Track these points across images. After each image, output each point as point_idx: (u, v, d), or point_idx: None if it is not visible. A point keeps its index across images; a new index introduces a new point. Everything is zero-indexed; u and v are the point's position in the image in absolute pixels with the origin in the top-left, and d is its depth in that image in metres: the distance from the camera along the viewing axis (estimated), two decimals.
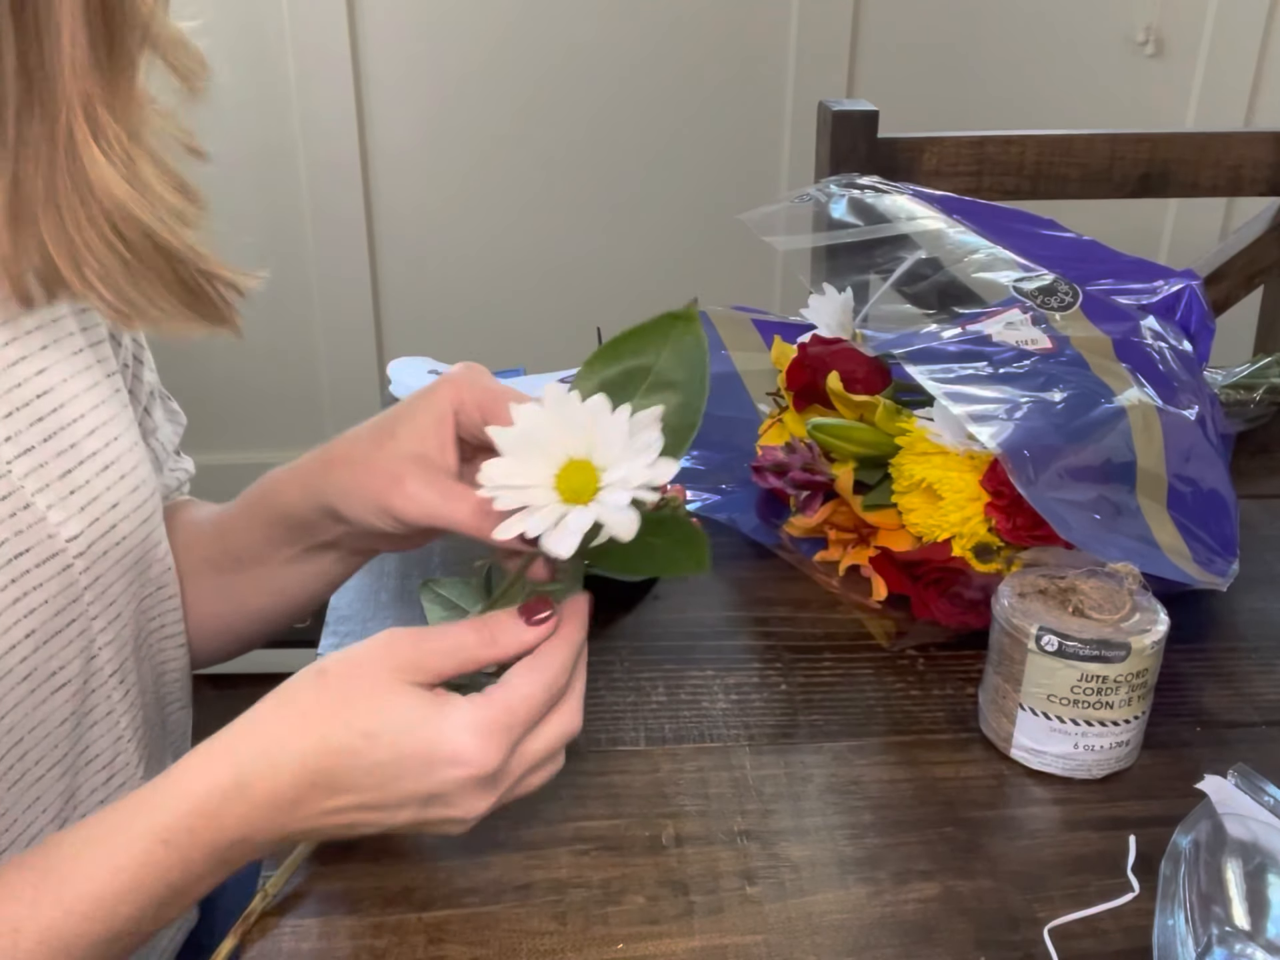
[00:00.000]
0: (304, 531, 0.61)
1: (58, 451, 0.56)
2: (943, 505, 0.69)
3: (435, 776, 0.47)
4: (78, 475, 0.57)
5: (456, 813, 0.48)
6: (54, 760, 0.57)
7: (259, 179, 1.92)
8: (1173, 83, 2.01)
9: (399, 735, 0.47)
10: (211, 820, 0.46)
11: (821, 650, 0.71)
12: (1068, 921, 0.51)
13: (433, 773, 0.47)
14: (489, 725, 0.47)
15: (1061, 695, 0.58)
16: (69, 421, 0.57)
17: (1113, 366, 0.72)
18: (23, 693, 0.54)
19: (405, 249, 1.99)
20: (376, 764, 0.47)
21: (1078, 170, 1.16)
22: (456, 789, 0.47)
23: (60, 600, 0.55)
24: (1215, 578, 0.68)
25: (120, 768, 0.62)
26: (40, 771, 0.56)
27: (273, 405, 2.06)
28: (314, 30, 1.83)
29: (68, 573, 0.56)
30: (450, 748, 0.47)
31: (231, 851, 0.47)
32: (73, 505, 0.56)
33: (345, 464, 0.57)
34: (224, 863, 0.47)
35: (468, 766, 0.47)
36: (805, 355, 0.79)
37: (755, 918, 0.52)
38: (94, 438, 0.59)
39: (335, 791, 0.47)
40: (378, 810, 0.48)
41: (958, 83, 1.97)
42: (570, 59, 1.90)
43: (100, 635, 0.58)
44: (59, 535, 0.55)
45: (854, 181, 0.89)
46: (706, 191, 1.99)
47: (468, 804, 0.48)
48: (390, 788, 0.47)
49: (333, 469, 0.58)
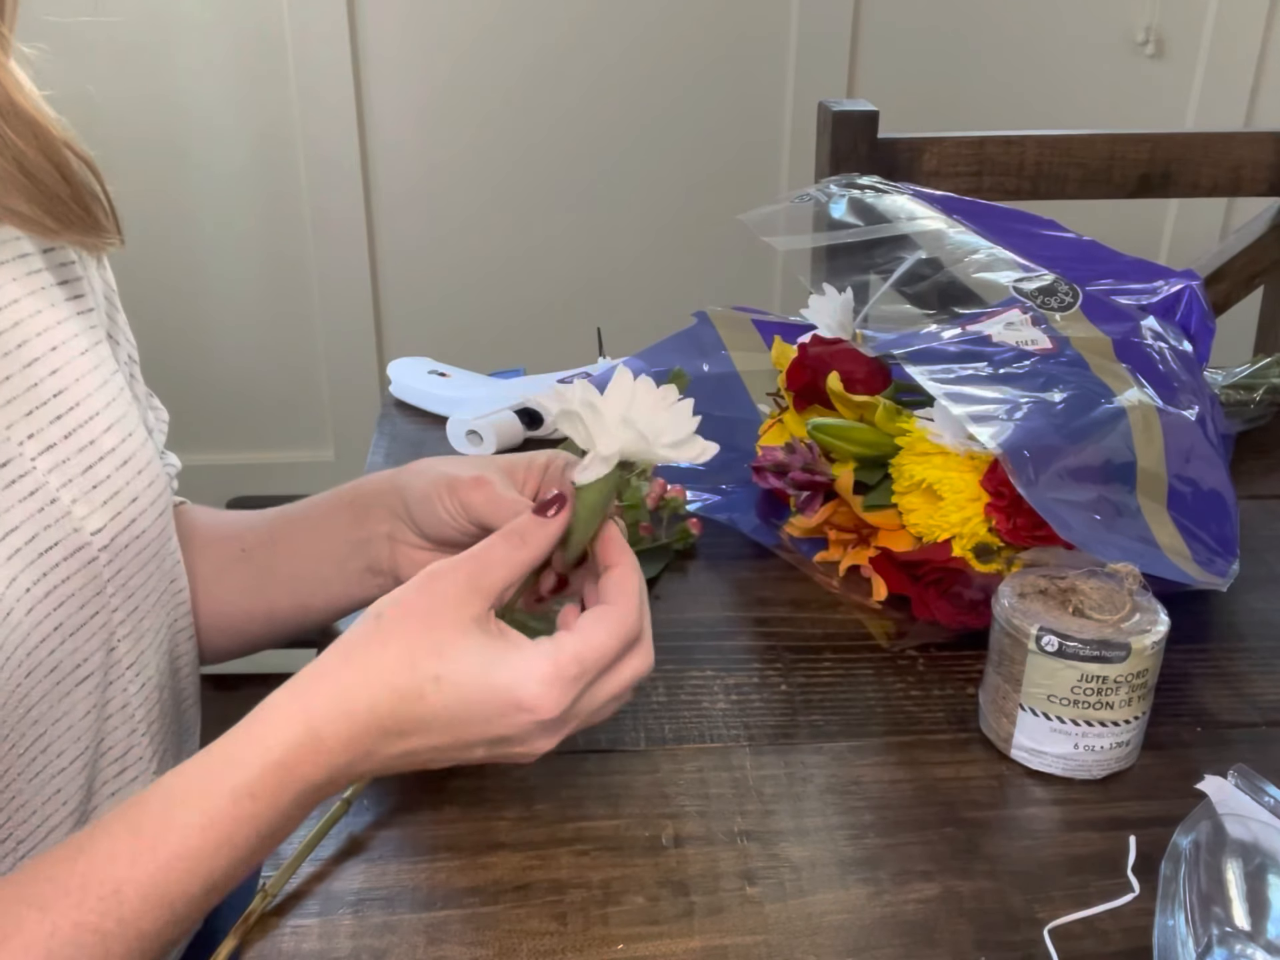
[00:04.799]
0: (365, 541, 0.64)
1: (79, 447, 0.57)
2: (943, 505, 0.69)
3: (505, 721, 0.48)
4: (99, 470, 0.58)
5: (524, 749, 0.50)
6: (76, 753, 0.57)
7: (259, 179, 1.92)
8: (1173, 83, 2.01)
9: (468, 680, 0.48)
10: (292, 771, 0.47)
11: (821, 650, 0.71)
12: (1068, 922, 0.51)
13: (502, 718, 0.48)
14: (559, 674, 0.48)
15: (1062, 695, 0.58)
16: (86, 418, 0.58)
17: (1113, 367, 0.72)
18: (49, 685, 0.55)
19: (405, 249, 1.99)
20: (445, 708, 0.48)
21: (1078, 170, 1.16)
22: (525, 733, 0.49)
23: (85, 593, 0.56)
24: (1215, 578, 0.68)
25: (133, 761, 0.62)
26: (63, 764, 0.57)
27: (273, 405, 2.06)
28: (314, 29, 1.83)
29: (93, 566, 0.57)
30: (520, 695, 0.48)
31: (313, 795, 0.49)
32: (96, 500, 0.57)
33: (430, 466, 0.61)
34: (307, 805, 0.49)
35: (536, 714, 0.48)
36: (805, 355, 0.79)
37: (755, 918, 0.52)
38: (111, 433, 0.60)
39: (406, 735, 0.49)
40: (449, 750, 0.50)
41: (958, 83, 1.97)
42: (570, 59, 1.90)
43: (120, 628, 0.59)
44: (84, 529, 0.56)
45: (854, 181, 0.89)
46: (706, 192, 1.99)
47: (536, 743, 0.50)
48: (460, 731, 0.49)
49: (418, 469, 0.62)
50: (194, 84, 1.85)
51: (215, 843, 0.46)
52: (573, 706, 0.49)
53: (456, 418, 0.92)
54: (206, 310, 2.00)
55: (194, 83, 1.85)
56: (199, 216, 1.93)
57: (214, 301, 2.00)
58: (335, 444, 2.08)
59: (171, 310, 1.98)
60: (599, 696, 0.50)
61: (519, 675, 0.48)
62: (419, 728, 0.49)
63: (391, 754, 0.49)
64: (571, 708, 0.49)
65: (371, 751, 0.49)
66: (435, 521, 0.59)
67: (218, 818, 0.46)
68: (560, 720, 0.49)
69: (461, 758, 0.51)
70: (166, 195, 1.91)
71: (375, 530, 0.63)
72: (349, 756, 0.48)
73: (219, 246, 1.95)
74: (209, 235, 1.94)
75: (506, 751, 0.50)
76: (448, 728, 0.49)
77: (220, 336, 2.02)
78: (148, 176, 1.88)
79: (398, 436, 0.96)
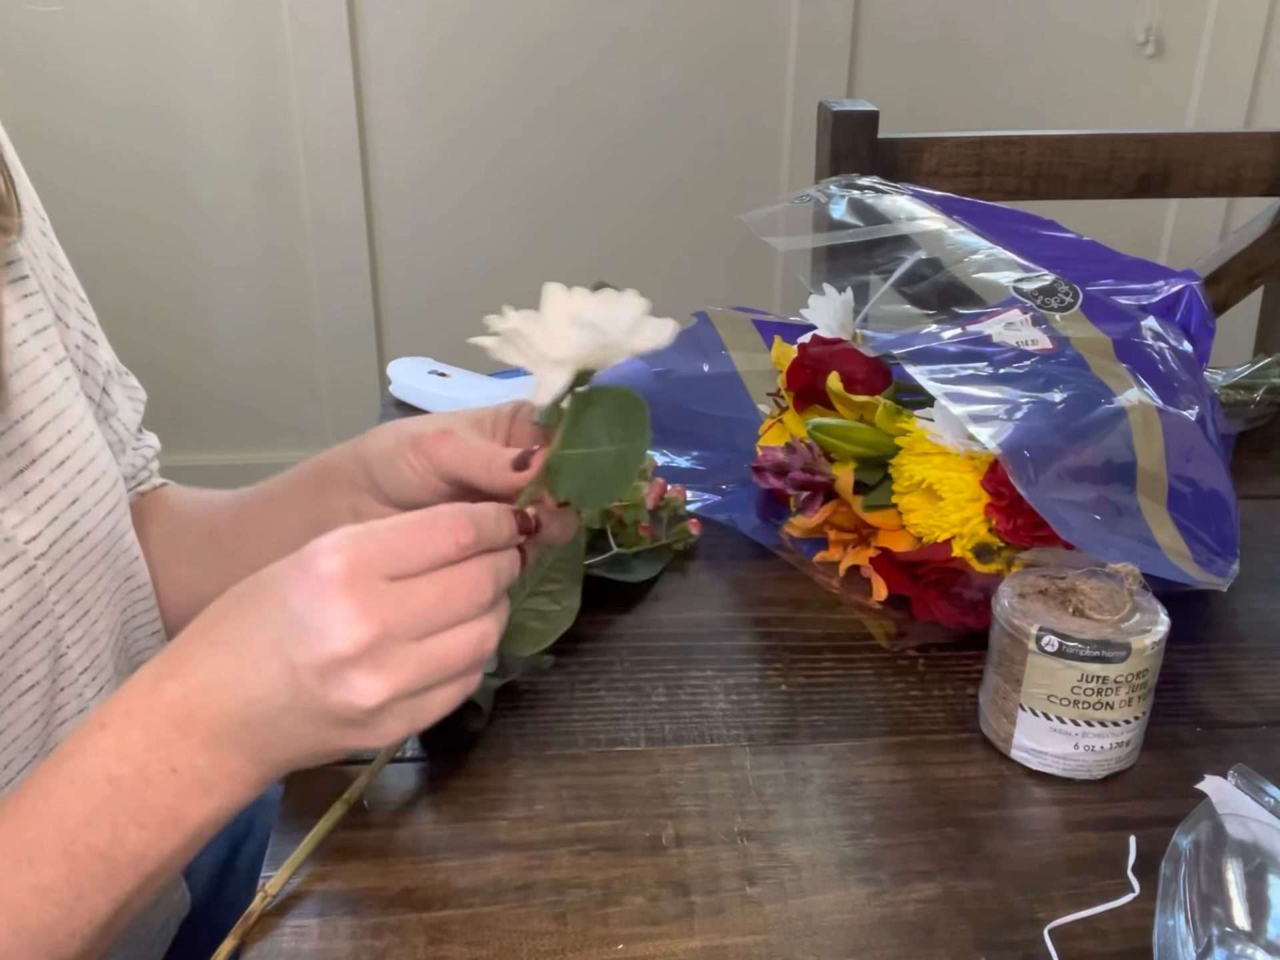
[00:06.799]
0: (326, 519, 0.61)
1: (6, 452, 0.55)
2: (943, 505, 0.69)
3: (299, 578, 0.45)
4: (30, 475, 0.56)
5: (351, 678, 0.44)
6: (23, 762, 0.56)
7: (259, 179, 1.92)
8: (1173, 83, 2.01)
9: (267, 575, 0.47)
10: (145, 699, 0.46)
11: (821, 650, 0.71)
12: (1068, 922, 0.51)
13: (297, 574, 0.45)
14: (349, 532, 0.45)
15: (1062, 696, 0.58)
16: (18, 418, 0.56)
17: (1113, 367, 0.72)
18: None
19: (405, 249, 1.99)
20: (238, 593, 0.47)
21: (1078, 170, 1.16)
22: (323, 600, 0.44)
23: (25, 604, 0.54)
24: (1215, 578, 0.68)
25: None
26: (9, 775, 0.55)
27: (273, 405, 2.06)
28: (315, 30, 1.83)
29: (31, 574, 0.55)
30: (311, 547, 0.45)
31: (176, 737, 0.46)
32: (29, 506, 0.55)
33: (392, 428, 0.58)
34: (173, 757, 0.46)
35: (328, 564, 0.44)
36: (805, 355, 0.79)
37: (755, 918, 0.52)
38: (45, 434, 0.57)
39: (209, 627, 0.47)
40: (247, 651, 0.46)
41: (958, 83, 1.97)
42: (571, 61, 1.90)
43: (69, 634, 0.58)
44: (16, 538, 0.54)
45: (854, 182, 0.89)
46: (706, 191, 1.99)
47: (344, 628, 0.43)
48: (258, 603, 0.46)
49: (379, 433, 0.59)
50: (193, 80, 1.85)
51: (67, 774, 0.45)
52: (379, 599, 0.44)
53: None
54: (207, 311, 2.00)
55: (193, 79, 1.85)
56: (198, 217, 1.93)
57: (214, 302, 2.00)
58: (335, 444, 2.07)
59: (172, 311, 1.99)
60: (416, 594, 0.45)
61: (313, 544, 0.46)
62: (220, 618, 0.47)
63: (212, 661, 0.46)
64: (378, 600, 0.44)
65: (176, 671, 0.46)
66: (400, 483, 0.56)
67: (70, 749, 0.46)
68: (361, 613, 0.43)
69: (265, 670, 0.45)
70: (166, 196, 1.91)
71: (335, 505, 0.61)
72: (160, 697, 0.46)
73: (219, 247, 1.95)
74: (208, 236, 1.94)
75: (314, 651, 0.44)
76: (248, 612, 0.46)
77: (220, 337, 2.02)
78: (147, 177, 1.88)
79: None
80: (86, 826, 0.45)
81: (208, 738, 0.46)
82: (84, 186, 1.82)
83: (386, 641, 0.44)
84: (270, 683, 0.45)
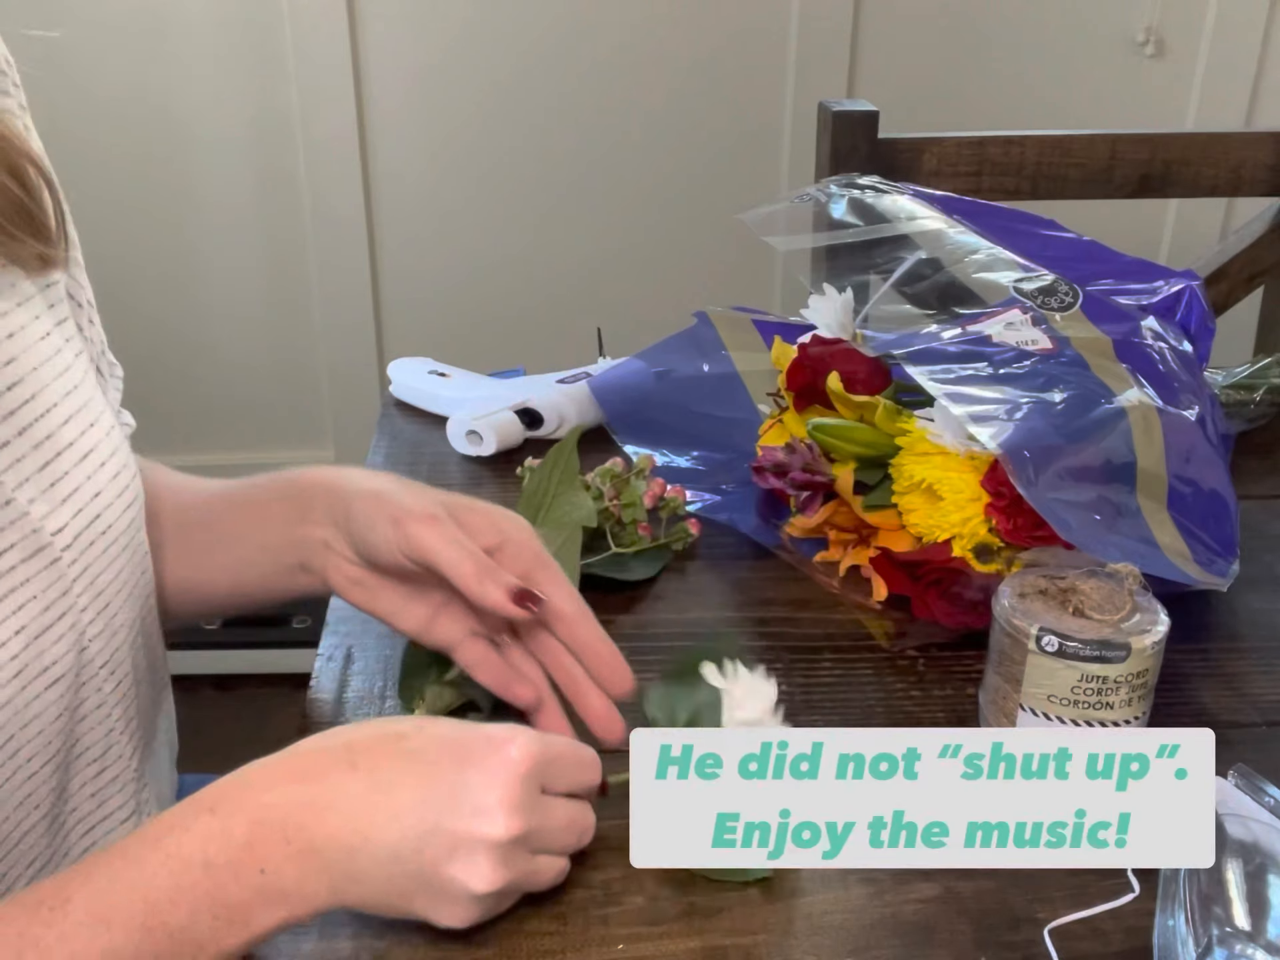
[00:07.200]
0: (302, 540, 0.63)
1: (34, 444, 0.55)
2: (943, 505, 0.69)
3: (482, 760, 0.49)
4: (57, 466, 0.56)
5: (474, 862, 0.48)
6: (47, 756, 0.56)
7: (259, 179, 1.92)
8: (1173, 83, 2.01)
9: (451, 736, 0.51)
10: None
11: (821, 650, 0.71)
12: (1068, 922, 0.51)
13: (486, 749, 0.49)
14: (519, 728, 0.50)
15: (1062, 696, 0.58)
16: (42, 412, 0.56)
17: (1113, 367, 0.72)
18: (13, 690, 0.53)
19: (405, 249, 1.99)
20: (425, 739, 0.50)
21: (1078, 171, 1.16)
22: (500, 783, 0.48)
23: (50, 594, 0.55)
24: (1215, 578, 0.68)
25: (113, 760, 0.61)
26: (33, 768, 0.55)
27: (273, 405, 2.06)
28: (315, 30, 1.83)
29: (56, 566, 0.55)
30: (491, 732, 0.50)
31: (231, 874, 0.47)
32: (55, 497, 0.56)
33: (378, 491, 0.60)
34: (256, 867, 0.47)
35: (507, 750, 0.49)
36: (805, 355, 0.79)
37: (755, 918, 0.52)
38: (70, 426, 0.57)
39: (354, 750, 0.49)
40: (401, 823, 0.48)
41: (958, 83, 1.97)
42: (571, 59, 1.90)
43: (90, 627, 0.58)
44: (44, 529, 0.55)
45: (854, 181, 0.89)
46: (706, 191, 1.99)
47: (487, 854, 0.48)
48: (428, 758, 0.49)
49: (363, 489, 0.61)
50: (193, 80, 1.85)
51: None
52: (534, 803, 0.49)
53: (456, 418, 0.92)
54: (207, 310, 2.00)
55: (193, 79, 1.85)
56: (199, 216, 1.93)
57: (214, 302, 2.00)
58: (335, 444, 2.08)
59: (172, 311, 1.99)
60: (555, 811, 0.50)
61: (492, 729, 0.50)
62: (360, 746, 0.49)
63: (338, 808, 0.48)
64: (533, 803, 0.49)
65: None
66: (370, 547, 0.59)
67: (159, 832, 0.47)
68: (521, 808, 0.48)
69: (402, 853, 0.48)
70: (166, 195, 1.91)
71: (312, 533, 0.63)
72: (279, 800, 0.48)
73: (218, 247, 1.95)
74: (208, 235, 1.94)
75: (450, 874, 0.47)
76: (425, 762, 0.49)
77: (220, 337, 2.02)
78: (147, 177, 1.88)
79: (398, 437, 0.96)
80: (169, 905, 0.46)
81: (306, 851, 0.47)
82: (84, 186, 1.82)
83: (521, 843, 0.49)
84: (401, 834, 0.47)
